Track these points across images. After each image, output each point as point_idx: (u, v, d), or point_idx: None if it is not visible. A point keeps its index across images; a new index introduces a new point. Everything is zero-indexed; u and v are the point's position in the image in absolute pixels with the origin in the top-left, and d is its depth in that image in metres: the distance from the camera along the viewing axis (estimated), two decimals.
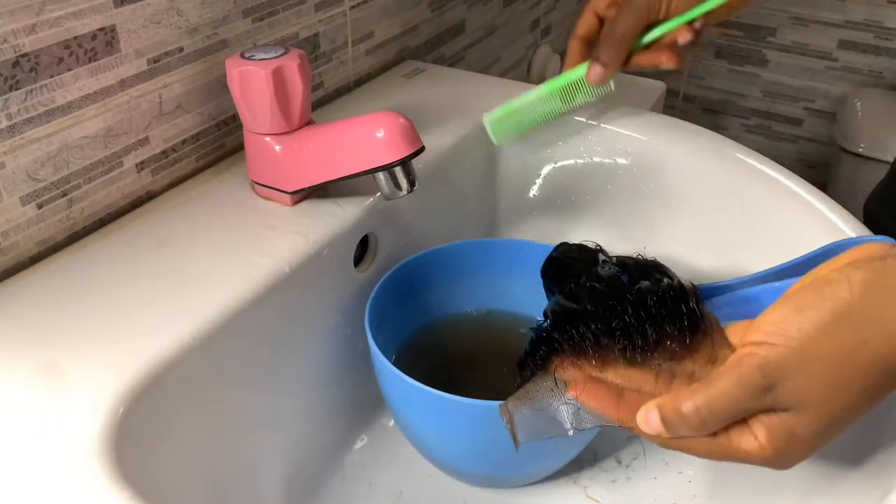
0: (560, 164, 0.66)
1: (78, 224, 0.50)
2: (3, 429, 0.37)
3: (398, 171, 0.48)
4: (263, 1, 0.58)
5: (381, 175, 0.48)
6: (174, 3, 0.51)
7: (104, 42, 0.48)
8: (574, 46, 0.62)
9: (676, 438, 0.34)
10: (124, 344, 0.41)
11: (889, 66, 1.46)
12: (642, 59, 0.59)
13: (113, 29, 0.48)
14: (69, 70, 0.46)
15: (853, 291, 0.31)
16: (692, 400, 0.33)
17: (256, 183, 0.53)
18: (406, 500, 0.51)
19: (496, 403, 0.41)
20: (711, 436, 0.34)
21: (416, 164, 0.49)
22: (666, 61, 0.58)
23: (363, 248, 0.56)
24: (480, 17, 0.91)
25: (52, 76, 0.45)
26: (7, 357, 0.40)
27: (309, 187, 0.51)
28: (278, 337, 0.48)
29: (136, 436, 0.37)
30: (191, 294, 0.44)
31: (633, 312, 0.39)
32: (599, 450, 0.54)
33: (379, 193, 0.53)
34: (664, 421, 0.34)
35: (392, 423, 0.57)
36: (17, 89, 0.44)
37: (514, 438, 0.38)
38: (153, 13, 0.50)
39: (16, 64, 0.43)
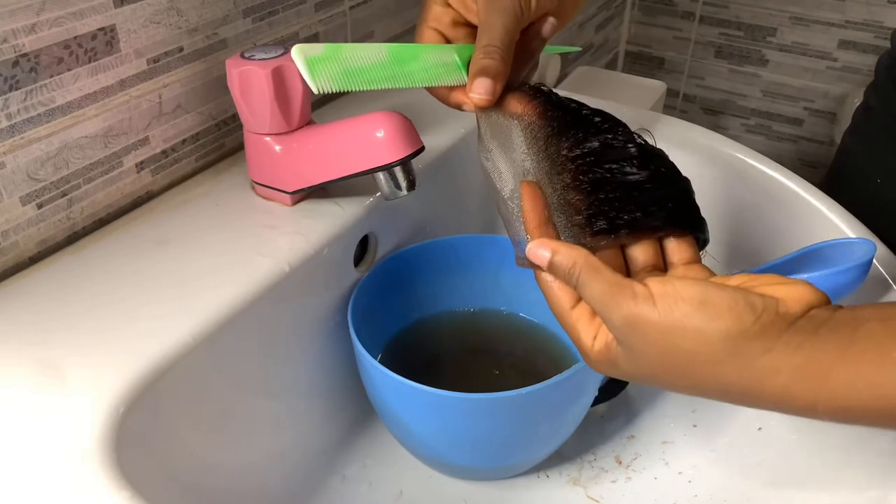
0: None
1: (78, 224, 0.50)
2: (3, 429, 0.37)
3: (398, 171, 0.48)
4: (263, 1, 0.58)
5: (380, 175, 0.48)
6: (174, 3, 0.51)
7: (104, 42, 0.48)
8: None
9: (548, 281, 0.37)
10: (124, 344, 0.41)
11: None
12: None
13: (113, 29, 0.48)
14: (69, 70, 0.46)
15: (749, 334, 0.32)
16: (586, 259, 0.35)
17: (256, 183, 0.53)
18: (406, 500, 0.51)
19: (469, 395, 0.43)
20: (576, 302, 0.37)
21: (416, 163, 0.49)
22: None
23: (363, 248, 0.56)
24: None
25: (51, 76, 0.45)
26: (7, 357, 0.40)
27: (309, 187, 0.51)
28: (278, 336, 0.48)
29: (136, 436, 0.37)
30: (191, 294, 0.44)
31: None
32: (599, 450, 0.54)
33: (379, 193, 0.53)
34: (553, 251, 0.36)
35: None
36: (17, 89, 0.44)
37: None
38: (153, 13, 0.50)
39: (16, 64, 0.43)
